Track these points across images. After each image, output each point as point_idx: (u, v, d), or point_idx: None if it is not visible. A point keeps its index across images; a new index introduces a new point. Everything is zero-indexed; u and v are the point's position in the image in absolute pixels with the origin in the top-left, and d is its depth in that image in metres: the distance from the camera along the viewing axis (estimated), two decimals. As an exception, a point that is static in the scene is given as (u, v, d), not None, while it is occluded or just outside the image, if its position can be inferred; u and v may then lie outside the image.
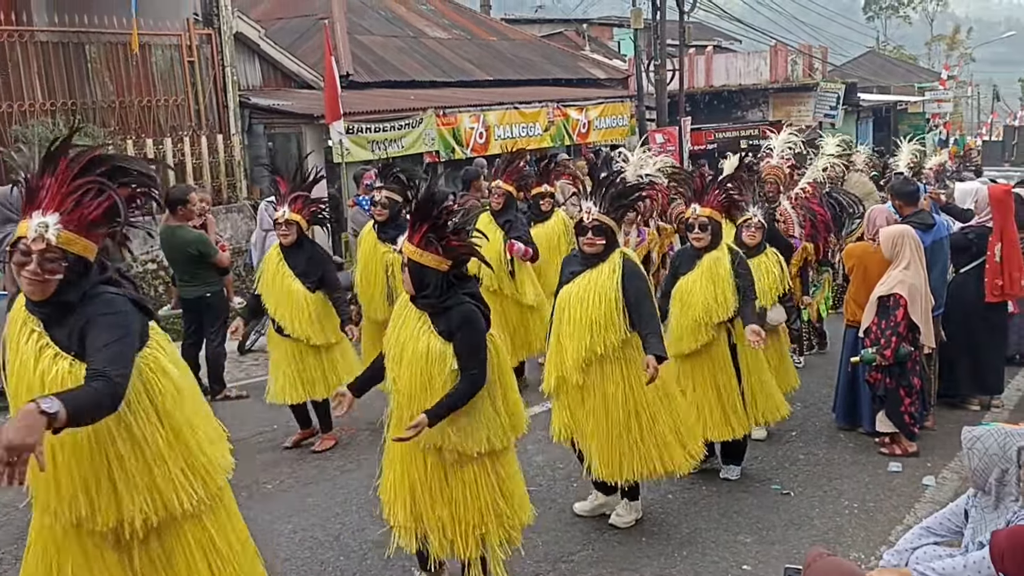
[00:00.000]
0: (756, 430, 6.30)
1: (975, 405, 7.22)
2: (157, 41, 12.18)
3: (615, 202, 4.87)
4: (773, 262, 6.32)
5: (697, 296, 5.43)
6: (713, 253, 5.49)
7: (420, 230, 3.93)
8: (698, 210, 5.52)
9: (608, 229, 4.82)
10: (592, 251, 4.82)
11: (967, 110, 53.76)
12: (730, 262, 5.45)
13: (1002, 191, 7.24)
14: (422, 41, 19.51)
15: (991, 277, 6.95)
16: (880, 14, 68.67)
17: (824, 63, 29.99)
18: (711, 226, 5.50)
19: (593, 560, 4.76)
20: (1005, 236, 6.92)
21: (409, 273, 3.96)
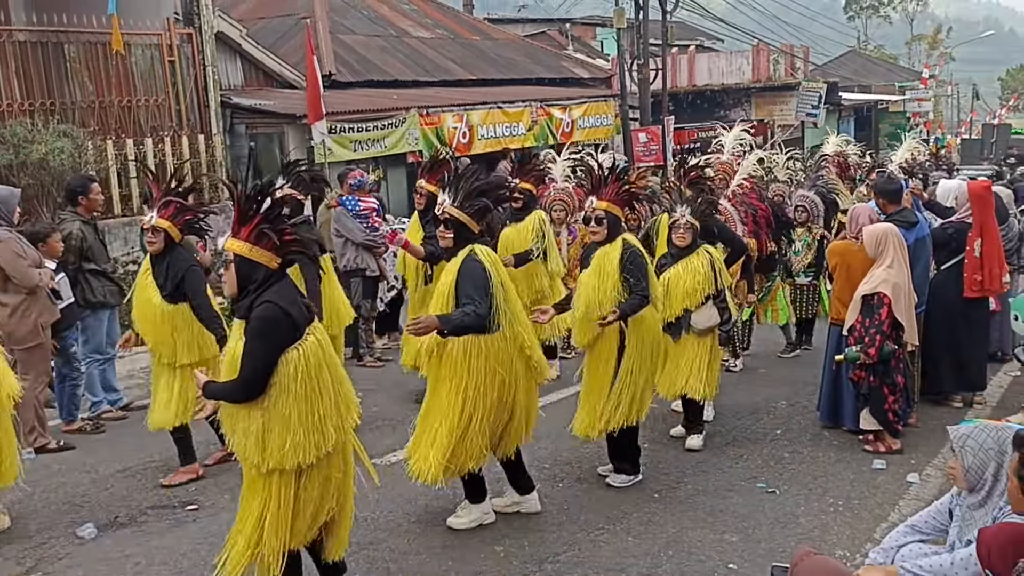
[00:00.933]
0: (692, 439, 6.35)
1: (958, 402, 7.25)
2: (137, 40, 12.07)
3: (470, 198, 4.83)
4: (703, 261, 6.06)
5: (584, 290, 5.43)
6: (604, 248, 5.43)
7: (251, 223, 3.66)
8: (595, 203, 5.44)
9: (460, 224, 4.79)
10: (444, 244, 4.88)
11: (947, 109, 54.22)
12: (620, 257, 5.35)
13: (981, 187, 7.27)
14: (405, 41, 19.45)
15: (970, 272, 6.98)
16: (861, 14, 69.12)
17: (806, 63, 30.17)
18: (607, 220, 5.42)
19: (579, 560, 4.74)
20: (985, 232, 6.95)
21: (236, 271, 3.68)
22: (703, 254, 6.06)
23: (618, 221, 5.49)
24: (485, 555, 4.79)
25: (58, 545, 5.03)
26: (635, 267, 5.36)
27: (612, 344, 5.46)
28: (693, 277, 6.00)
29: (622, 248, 5.38)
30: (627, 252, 5.37)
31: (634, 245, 5.47)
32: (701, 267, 6.01)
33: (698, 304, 6.04)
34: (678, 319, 6.09)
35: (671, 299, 6.02)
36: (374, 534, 5.04)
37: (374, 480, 4.23)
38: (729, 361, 7.97)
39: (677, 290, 6.02)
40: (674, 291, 6.03)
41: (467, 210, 4.82)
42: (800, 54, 29.59)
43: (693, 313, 6.06)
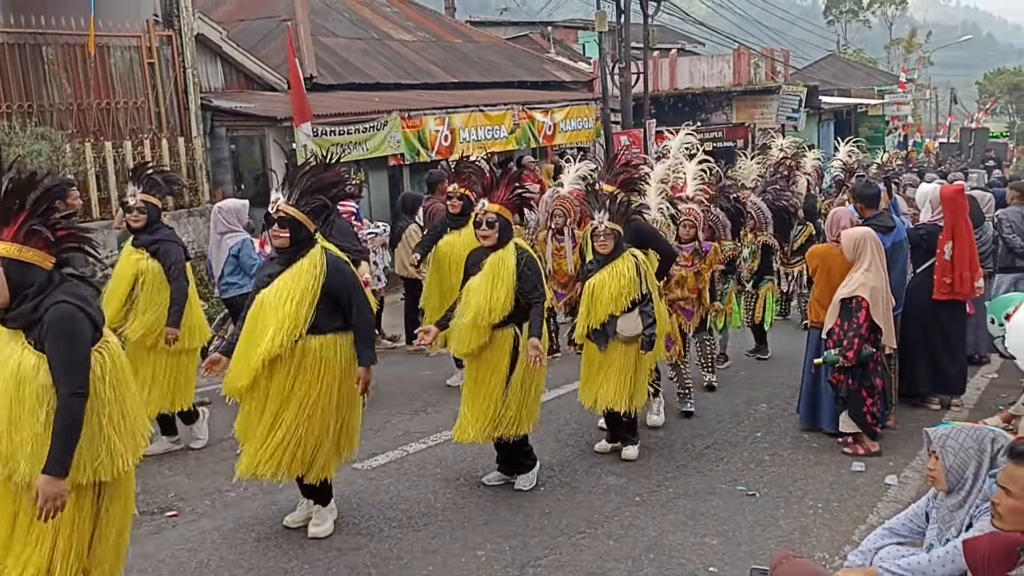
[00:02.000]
0: (627, 449, 6.21)
1: (935, 404, 7.32)
2: (116, 43, 11.98)
3: (307, 195, 4.67)
4: (628, 265, 5.83)
5: (474, 296, 5.31)
6: (498, 252, 5.33)
7: (16, 221, 3.31)
8: (486, 206, 5.37)
9: (296, 223, 4.64)
10: (278, 244, 4.71)
11: (925, 113, 54.68)
12: (515, 262, 5.28)
13: (953, 190, 7.35)
14: (386, 43, 19.40)
15: (939, 275, 7.05)
16: (840, 18, 69.65)
17: (786, 66, 30.35)
18: (499, 223, 5.33)
19: (560, 564, 4.75)
20: (957, 236, 7.01)
21: (5, 276, 3.31)
22: (628, 258, 5.86)
23: (509, 225, 5.43)
24: (466, 559, 4.79)
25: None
26: (531, 272, 5.32)
27: (505, 351, 5.38)
28: (618, 281, 5.80)
29: (517, 253, 5.32)
30: (523, 257, 5.32)
31: (528, 250, 5.44)
32: (626, 271, 5.80)
33: (623, 310, 5.82)
34: (603, 326, 5.90)
35: (596, 305, 5.85)
36: (355, 539, 5.03)
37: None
38: (706, 377, 7.83)
39: (602, 295, 5.83)
40: (599, 296, 5.84)
41: (304, 208, 4.69)
42: (780, 58, 29.76)
43: (619, 319, 5.85)
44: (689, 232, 7.22)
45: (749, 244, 8.53)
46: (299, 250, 4.67)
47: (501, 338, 5.37)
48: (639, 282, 5.81)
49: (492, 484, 5.76)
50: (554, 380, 7.26)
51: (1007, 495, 3.03)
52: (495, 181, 5.46)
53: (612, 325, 5.86)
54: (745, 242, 8.51)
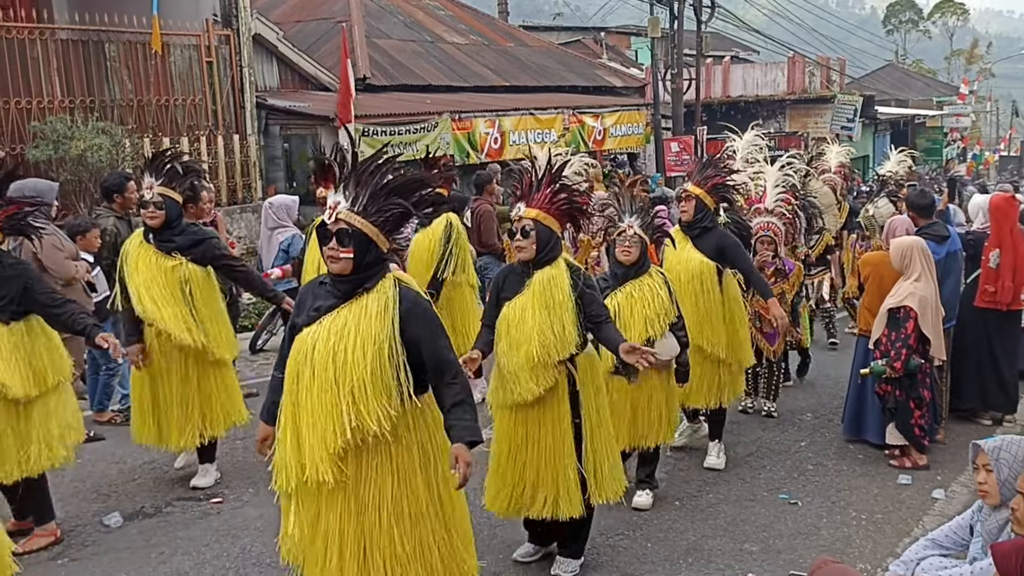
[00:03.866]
0: (640, 496, 5.46)
1: (987, 420, 7.16)
2: (176, 41, 12.27)
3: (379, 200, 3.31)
4: (659, 283, 5.13)
5: (529, 325, 4.28)
6: (546, 270, 4.33)
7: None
8: (522, 210, 4.36)
9: (362, 236, 3.27)
10: (337, 268, 3.28)
11: (986, 125, 53.51)
12: (570, 280, 4.32)
13: (1002, 199, 7.20)
14: (439, 46, 19.57)
15: (983, 282, 6.92)
16: (900, 28, 68.46)
17: (842, 75, 29.93)
18: (538, 232, 4.31)
19: (597, 565, 4.74)
20: (1004, 244, 6.87)
21: None
22: (657, 275, 5.19)
23: (552, 236, 4.38)
24: (505, 556, 4.81)
25: (84, 533, 5.12)
26: (592, 289, 4.42)
27: (564, 397, 4.37)
28: (654, 301, 5.07)
29: (569, 270, 4.37)
30: (576, 274, 4.38)
31: (578, 265, 4.56)
32: (659, 289, 5.10)
33: (662, 333, 5.10)
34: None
35: (627, 329, 4.94)
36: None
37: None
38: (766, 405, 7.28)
39: (635, 317, 5.06)
40: (630, 319, 5.05)
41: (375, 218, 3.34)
42: (836, 67, 29.38)
43: (656, 343, 5.05)
44: (768, 249, 6.86)
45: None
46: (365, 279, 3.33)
47: (559, 378, 4.36)
48: (675, 303, 5.17)
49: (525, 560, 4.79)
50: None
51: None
52: (537, 183, 4.41)
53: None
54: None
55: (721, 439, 6.27)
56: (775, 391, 7.30)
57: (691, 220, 5.86)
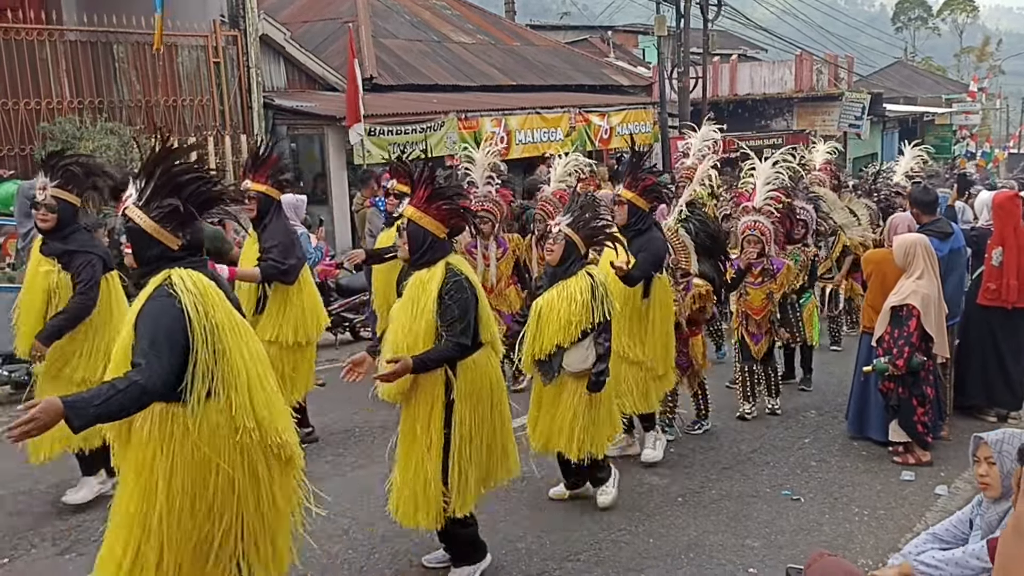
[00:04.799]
0: (602, 495, 5.36)
1: (991, 416, 7.16)
2: (183, 42, 12.34)
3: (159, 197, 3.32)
4: (582, 287, 4.89)
5: (395, 326, 4.27)
6: (421, 272, 4.22)
7: None
8: (402, 208, 4.34)
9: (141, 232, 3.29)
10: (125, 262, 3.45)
11: (995, 123, 53.25)
12: (440, 285, 4.14)
13: (1005, 197, 7.20)
14: (446, 46, 19.61)
15: (986, 280, 6.93)
16: (909, 25, 68.20)
17: (850, 73, 29.88)
18: (410, 232, 4.22)
19: (599, 560, 4.77)
20: (1007, 242, 6.86)
21: None
22: (583, 277, 4.93)
23: (428, 235, 4.22)
24: (507, 551, 4.84)
25: (92, 528, 5.16)
26: (455, 301, 4.14)
27: (436, 402, 4.22)
28: (568, 305, 4.87)
29: (445, 276, 4.17)
30: (451, 280, 4.16)
31: (460, 272, 4.23)
32: (579, 293, 4.87)
33: (573, 340, 4.89)
34: (550, 357, 4.98)
35: (542, 331, 4.93)
36: (397, 526, 5.11)
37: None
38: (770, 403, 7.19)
39: (549, 320, 4.91)
40: (546, 321, 4.92)
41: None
42: (844, 64, 29.31)
43: (565, 352, 4.93)
44: (755, 248, 6.73)
45: (793, 255, 7.50)
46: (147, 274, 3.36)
47: (428, 379, 4.21)
48: (594, 307, 4.88)
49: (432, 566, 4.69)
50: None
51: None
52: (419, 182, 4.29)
53: (559, 357, 4.97)
54: (787, 253, 7.51)
55: (656, 429, 6.19)
56: (775, 388, 7.24)
57: (625, 224, 5.65)
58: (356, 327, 9.95)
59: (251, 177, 5.95)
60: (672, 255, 6.04)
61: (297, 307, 6.06)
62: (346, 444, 6.57)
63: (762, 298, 6.90)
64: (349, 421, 7.02)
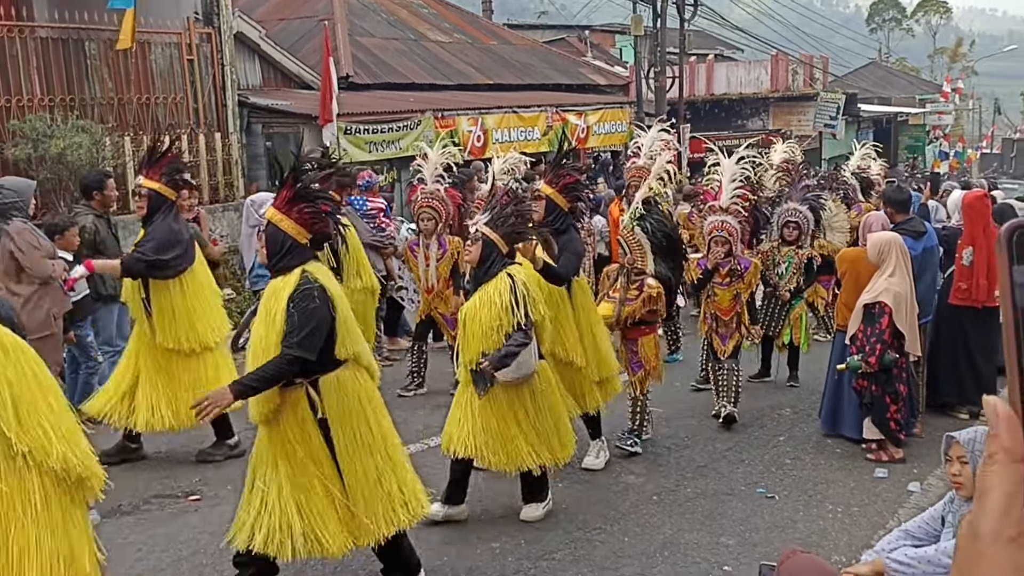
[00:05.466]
0: (527, 508, 5.15)
1: (963, 413, 7.22)
2: (157, 39, 12.21)
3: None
4: (500, 289, 4.67)
5: (253, 339, 3.99)
6: (278, 280, 3.94)
7: None
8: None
9: None
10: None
11: (968, 123, 53.86)
12: (292, 291, 3.83)
13: (974, 196, 7.28)
14: (422, 44, 19.55)
15: (956, 279, 6.99)
16: (883, 26, 68.83)
17: (825, 73, 30.10)
18: (268, 235, 3.96)
19: (574, 559, 4.77)
20: (977, 242, 6.92)
21: None
22: (503, 279, 4.69)
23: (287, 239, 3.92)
24: (482, 551, 4.83)
25: None
26: (300, 310, 3.82)
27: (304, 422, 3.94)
28: (489, 310, 4.65)
29: (300, 279, 3.87)
30: (303, 285, 3.86)
31: (315, 279, 3.91)
32: (498, 296, 4.66)
33: (498, 346, 4.67)
34: (480, 366, 4.74)
35: (468, 340, 4.75)
36: (372, 528, 5.08)
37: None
38: (727, 407, 6.87)
39: (473, 328, 4.71)
40: (470, 330, 4.72)
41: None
42: (819, 64, 29.52)
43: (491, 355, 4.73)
44: (723, 248, 6.60)
45: (787, 257, 7.58)
46: None
47: (292, 400, 3.93)
48: (515, 310, 4.64)
49: None
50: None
51: None
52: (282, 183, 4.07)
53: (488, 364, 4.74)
54: (782, 255, 7.65)
55: (601, 437, 6.03)
56: (735, 394, 6.91)
57: (541, 221, 5.42)
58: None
59: (144, 174, 5.85)
60: (628, 254, 5.95)
61: (184, 311, 5.87)
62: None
63: (730, 299, 6.76)
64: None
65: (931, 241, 6.90)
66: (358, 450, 3.97)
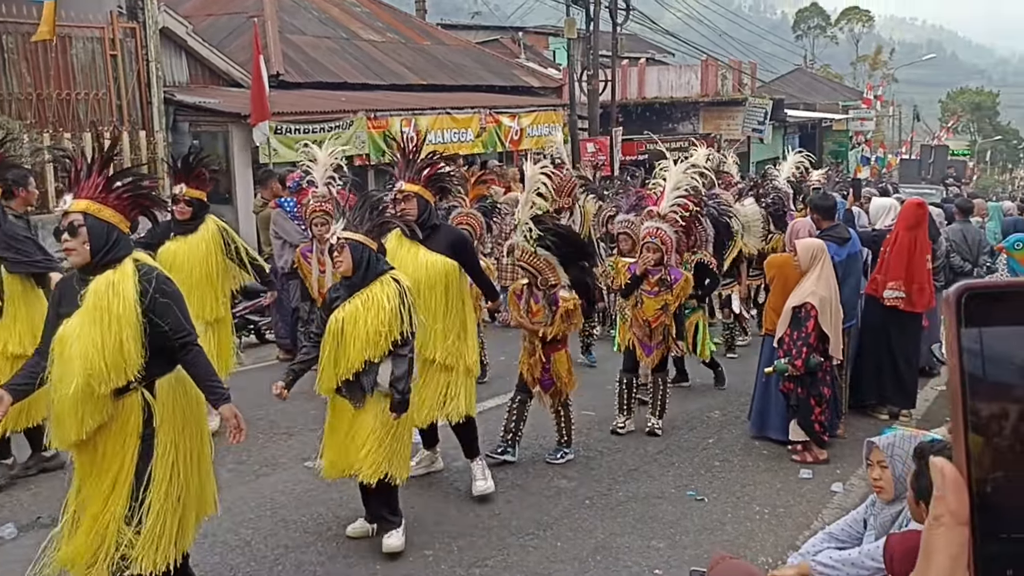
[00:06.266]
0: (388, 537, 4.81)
1: (884, 415, 7.44)
2: (78, 33, 11.85)
3: None
4: (388, 294, 4.43)
5: (76, 347, 3.46)
6: (105, 275, 3.53)
7: None
8: (68, 204, 3.59)
9: None
10: None
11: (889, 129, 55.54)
12: (138, 286, 3.51)
13: (913, 204, 7.53)
14: (355, 43, 19.35)
15: (876, 272, 7.19)
16: (808, 33, 70.52)
17: (753, 79, 30.71)
18: (89, 228, 3.54)
19: (507, 565, 4.77)
20: (916, 249, 7.10)
21: None
22: (388, 283, 4.49)
23: (111, 233, 3.57)
24: (414, 559, 4.80)
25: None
26: (161, 306, 3.57)
27: (130, 434, 3.60)
28: (377, 315, 4.39)
29: (138, 274, 3.56)
30: (148, 278, 3.58)
31: (153, 267, 3.69)
32: (387, 301, 4.41)
33: (384, 353, 4.46)
34: (358, 376, 4.49)
35: (346, 348, 4.43)
36: (303, 537, 5.02)
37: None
38: (651, 421, 6.82)
39: (355, 335, 4.43)
40: (351, 335, 4.43)
41: None
42: (748, 70, 30.11)
43: (380, 366, 4.50)
44: (654, 256, 6.41)
45: (683, 263, 7.10)
46: None
47: (125, 405, 3.62)
48: (403, 315, 4.44)
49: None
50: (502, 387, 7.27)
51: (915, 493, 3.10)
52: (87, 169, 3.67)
53: (372, 374, 4.51)
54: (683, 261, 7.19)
55: (481, 455, 5.64)
56: (660, 407, 6.82)
57: (417, 220, 5.22)
58: (261, 329, 9.73)
59: None
60: (540, 275, 5.74)
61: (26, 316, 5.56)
62: (249, 451, 6.40)
63: (656, 309, 6.51)
64: (253, 427, 6.83)
65: (855, 247, 7.08)
66: (184, 467, 3.69)
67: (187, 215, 6.16)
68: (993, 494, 0.59)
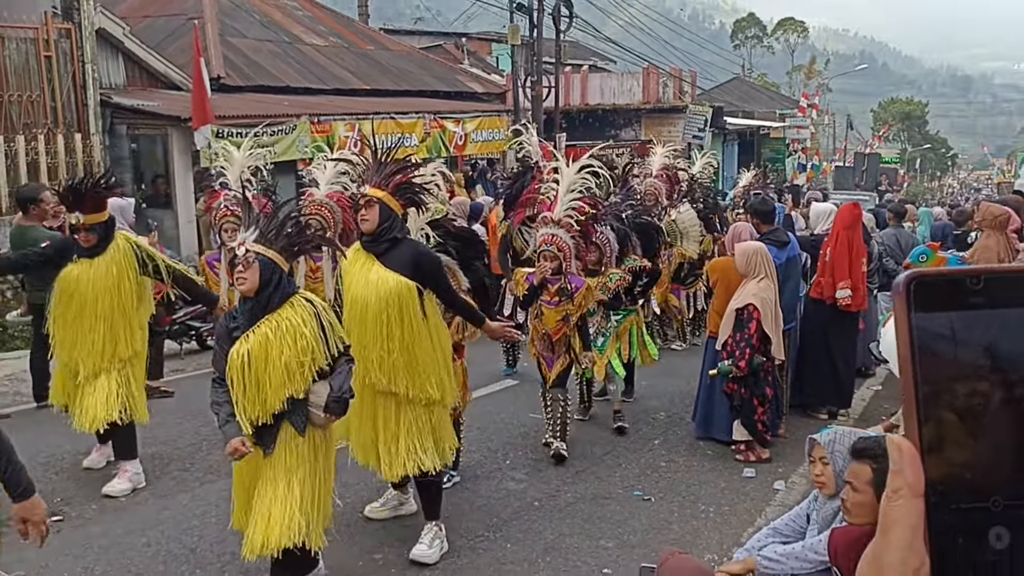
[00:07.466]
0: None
1: (823, 414, 7.62)
2: (11, 34, 11.54)
3: None
4: (306, 315, 3.83)
5: None
6: None
7: None
8: None
9: None
10: None
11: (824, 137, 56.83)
12: None
13: (849, 205, 7.75)
14: (297, 47, 19.17)
15: (819, 275, 7.38)
16: (746, 43, 71.95)
17: (693, 87, 31.16)
18: None
19: (457, 568, 4.77)
20: (853, 250, 7.29)
21: None
22: (301, 304, 3.86)
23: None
24: (364, 563, 4.77)
25: None
26: None
27: None
28: (295, 343, 3.76)
29: None
30: None
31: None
32: (305, 326, 3.80)
33: (308, 385, 3.84)
34: (279, 418, 3.85)
35: (262, 388, 3.77)
36: (249, 544, 4.94)
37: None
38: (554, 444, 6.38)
39: (268, 371, 3.75)
40: (266, 370, 3.75)
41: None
42: (688, 78, 30.57)
43: (311, 397, 3.88)
44: (551, 264, 5.96)
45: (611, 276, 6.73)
46: None
47: None
48: (328, 338, 3.87)
49: None
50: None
51: (853, 491, 3.18)
52: None
53: (299, 412, 3.88)
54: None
55: (438, 519, 4.92)
56: (561, 427, 6.35)
57: (375, 231, 4.51)
58: (203, 335, 9.58)
59: None
60: None
61: None
62: (193, 458, 6.30)
63: (557, 319, 6.05)
64: (196, 434, 6.74)
65: (794, 251, 7.25)
66: None
67: (92, 242, 5.38)
68: (943, 466, 0.63)
